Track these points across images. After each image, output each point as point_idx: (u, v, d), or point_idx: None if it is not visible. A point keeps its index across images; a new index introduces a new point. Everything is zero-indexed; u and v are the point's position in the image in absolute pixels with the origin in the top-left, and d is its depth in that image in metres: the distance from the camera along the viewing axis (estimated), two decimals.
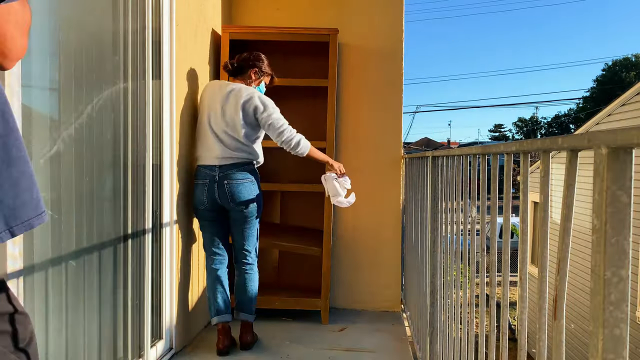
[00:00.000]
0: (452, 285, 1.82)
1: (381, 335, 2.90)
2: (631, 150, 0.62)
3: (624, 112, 7.73)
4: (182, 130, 2.57)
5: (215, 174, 2.49)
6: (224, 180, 2.48)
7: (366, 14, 3.37)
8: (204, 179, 2.51)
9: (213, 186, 2.49)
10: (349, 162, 3.37)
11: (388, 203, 3.37)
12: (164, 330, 2.44)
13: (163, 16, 2.36)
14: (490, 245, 1.42)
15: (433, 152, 2.17)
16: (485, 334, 1.53)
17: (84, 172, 1.76)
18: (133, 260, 2.14)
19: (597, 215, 0.64)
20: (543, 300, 0.91)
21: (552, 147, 0.84)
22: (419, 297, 2.52)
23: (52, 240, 1.58)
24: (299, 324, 3.00)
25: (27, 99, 1.44)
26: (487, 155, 1.35)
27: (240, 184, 2.49)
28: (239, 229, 2.57)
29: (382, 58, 3.36)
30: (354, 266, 3.39)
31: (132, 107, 2.12)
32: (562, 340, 0.81)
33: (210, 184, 2.49)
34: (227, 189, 2.48)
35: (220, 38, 3.13)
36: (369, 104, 3.38)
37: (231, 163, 2.50)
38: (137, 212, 2.15)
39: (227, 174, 2.48)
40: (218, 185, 2.48)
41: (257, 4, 3.44)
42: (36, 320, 1.51)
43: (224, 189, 2.48)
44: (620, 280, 0.62)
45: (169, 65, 2.42)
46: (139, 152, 2.16)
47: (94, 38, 1.85)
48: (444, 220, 1.97)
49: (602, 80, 35.40)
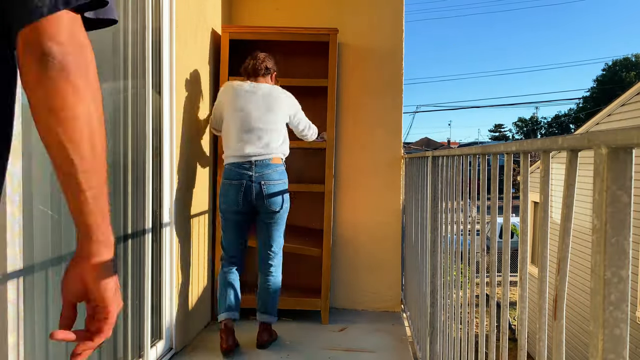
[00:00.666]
0: (452, 285, 1.82)
1: (381, 335, 2.90)
2: (631, 150, 0.62)
3: (624, 112, 7.73)
4: (181, 130, 2.57)
5: (252, 174, 2.48)
6: (260, 181, 2.48)
7: (366, 13, 3.37)
8: (239, 179, 2.49)
9: (250, 187, 2.48)
10: (349, 162, 3.37)
11: (388, 203, 3.37)
12: (164, 330, 2.44)
13: (163, 16, 2.36)
14: (490, 245, 1.42)
15: (433, 152, 2.17)
16: (485, 334, 1.53)
17: None
18: (133, 260, 2.13)
19: (597, 215, 0.64)
20: (543, 300, 0.91)
21: (552, 147, 0.84)
22: (419, 297, 2.52)
23: (52, 240, 1.58)
24: (299, 324, 3.00)
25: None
26: (487, 155, 1.35)
27: (276, 185, 2.51)
28: (268, 231, 2.58)
29: (382, 58, 3.36)
30: (354, 266, 3.39)
31: (132, 107, 2.12)
32: (562, 340, 0.81)
33: (247, 185, 2.48)
34: (264, 190, 2.48)
35: (220, 38, 3.13)
36: (369, 104, 3.38)
37: (267, 162, 2.50)
38: (137, 212, 2.15)
39: (263, 174, 2.49)
40: (254, 186, 2.48)
41: (257, 4, 3.44)
42: (36, 320, 1.51)
43: (260, 190, 2.48)
44: (620, 280, 0.62)
45: (169, 65, 2.42)
46: (139, 152, 2.16)
47: (94, 38, 1.85)
48: (444, 220, 1.97)
49: (602, 80, 35.42)
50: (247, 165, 2.48)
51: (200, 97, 2.87)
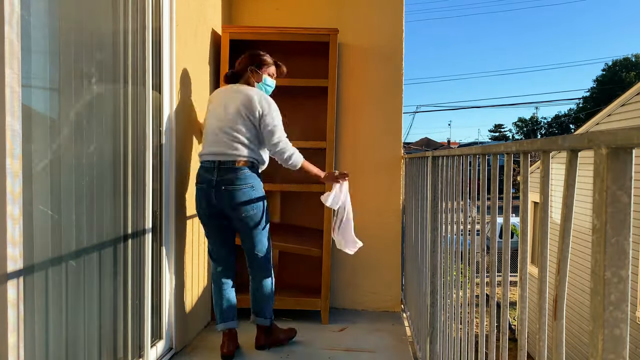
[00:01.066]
0: (452, 285, 1.82)
1: (381, 335, 2.90)
2: (631, 150, 0.62)
3: (624, 112, 7.72)
4: (182, 130, 2.57)
5: (213, 179, 2.38)
6: (221, 186, 2.37)
7: (366, 14, 3.37)
8: (201, 182, 2.42)
9: (210, 191, 2.39)
10: (349, 162, 3.37)
11: (388, 203, 3.37)
12: (164, 330, 2.44)
13: (163, 16, 2.36)
14: (490, 245, 1.42)
15: (433, 152, 2.17)
16: (485, 334, 1.53)
17: (84, 172, 1.76)
18: (133, 260, 2.13)
19: (597, 215, 0.64)
20: (543, 300, 0.91)
21: (552, 147, 0.84)
22: (419, 297, 2.52)
23: (52, 240, 1.58)
24: (299, 324, 2.99)
25: (27, 99, 1.44)
26: (487, 155, 1.35)
27: (238, 190, 2.38)
28: (245, 235, 2.49)
29: (382, 58, 3.36)
30: (354, 266, 3.39)
31: (132, 107, 2.12)
32: (562, 340, 0.81)
33: (208, 189, 2.39)
34: (225, 195, 2.38)
35: (220, 38, 3.13)
36: (369, 104, 3.38)
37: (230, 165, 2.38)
38: (137, 212, 2.15)
39: (225, 178, 2.37)
40: (216, 190, 2.38)
41: (257, 4, 3.44)
42: (36, 320, 1.51)
43: (220, 194, 2.38)
44: (620, 280, 0.62)
45: (169, 65, 2.42)
46: (139, 152, 2.16)
47: (94, 38, 1.85)
48: (444, 220, 1.97)
49: (602, 80, 35.42)
50: (211, 162, 2.41)
51: (201, 97, 2.87)
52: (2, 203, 1.34)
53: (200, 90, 2.86)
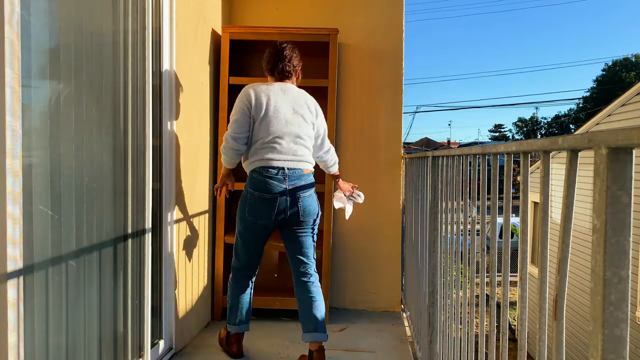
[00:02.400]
0: (452, 285, 1.82)
1: (381, 335, 2.90)
2: (631, 150, 0.62)
3: (624, 112, 7.72)
4: (182, 130, 2.57)
5: (285, 187, 2.30)
6: (295, 194, 2.32)
7: (366, 14, 3.37)
8: (266, 192, 2.29)
9: (284, 200, 2.31)
10: (349, 162, 3.37)
11: (388, 203, 3.37)
12: (164, 330, 2.44)
13: (163, 16, 2.36)
14: (490, 245, 1.42)
15: (433, 152, 2.17)
16: (485, 334, 1.53)
17: (84, 172, 1.76)
18: (133, 260, 2.14)
19: (597, 215, 0.64)
20: (543, 300, 0.91)
21: (552, 147, 0.84)
22: (419, 297, 2.52)
23: (52, 240, 1.58)
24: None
25: (27, 99, 1.44)
26: (487, 156, 1.35)
27: (309, 196, 2.38)
28: (302, 240, 2.41)
29: (382, 58, 3.36)
30: (354, 266, 3.39)
31: (132, 106, 2.12)
32: (562, 340, 0.81)
33: (281, 197, 2.30)
34: (300, 203, 2.33)
35: (220, 38, 3.13)
36: (369, 104, 3.38)
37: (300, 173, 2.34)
38: (137, 212, 2.15)
39: (297, 186, 2.32)
40: (289, 199, 2.31)
41: (257, 4, 3.44)
42: (36, 320, 1.51)
43: (295, 202, 2.32)
44: (620, 280, 0.62)
45: (169, 65, 2.42)
46: (139, 151, 2.16)
47: (94, 38, 1.85)
48: (444, 220, 1.97)
49: (602, 80, 35.43)
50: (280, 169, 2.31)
51: (201, 97, 2.87)
52: (2, 203, 1.34)
53: (200, 91, 2.86)
